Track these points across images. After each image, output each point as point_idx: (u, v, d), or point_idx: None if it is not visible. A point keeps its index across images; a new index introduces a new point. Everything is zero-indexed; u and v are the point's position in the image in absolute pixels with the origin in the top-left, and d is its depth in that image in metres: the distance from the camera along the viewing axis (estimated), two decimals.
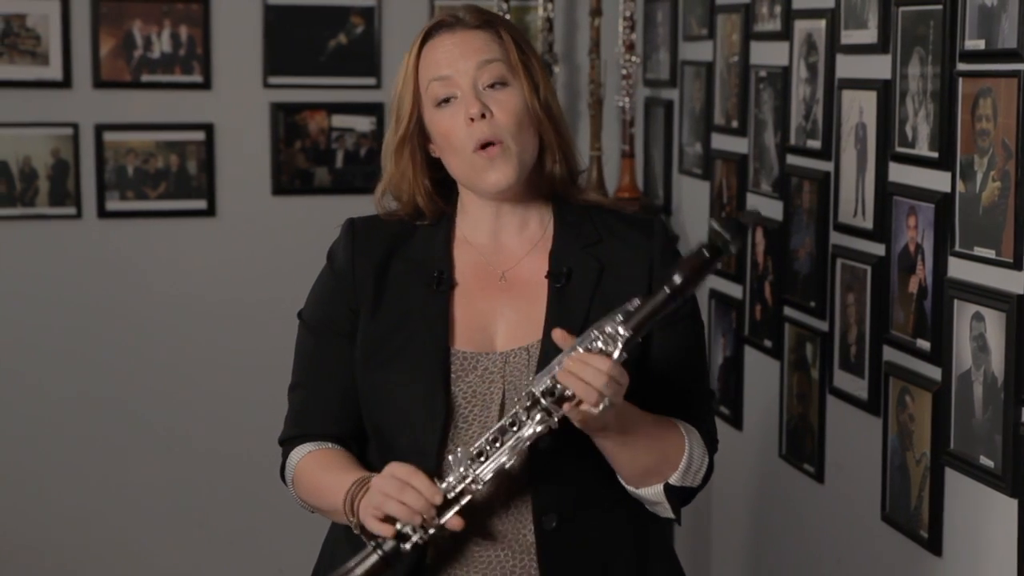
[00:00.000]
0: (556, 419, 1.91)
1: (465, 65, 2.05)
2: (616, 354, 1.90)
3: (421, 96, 2.09)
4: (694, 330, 2.14)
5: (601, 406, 1.88)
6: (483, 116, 2.03)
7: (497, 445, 1.92)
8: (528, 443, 1.92)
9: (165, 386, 4.11)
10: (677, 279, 1.88)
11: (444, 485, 1.93)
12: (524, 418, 1.92)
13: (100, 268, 4.04)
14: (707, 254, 1.89)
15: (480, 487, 1.93)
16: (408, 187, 2.13)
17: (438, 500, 1.92)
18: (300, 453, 2.13)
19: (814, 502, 3.21)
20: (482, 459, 1.93)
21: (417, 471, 1.94)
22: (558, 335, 1.93)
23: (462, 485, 1.93)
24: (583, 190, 2.17)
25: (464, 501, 1.93)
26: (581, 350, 1.90)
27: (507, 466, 1.93)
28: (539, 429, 1.91)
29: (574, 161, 2.16)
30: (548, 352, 1.99)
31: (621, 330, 1.90)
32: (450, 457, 1.96)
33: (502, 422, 1.93)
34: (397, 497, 1.92)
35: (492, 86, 2.06)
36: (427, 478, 1.93)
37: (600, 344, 1.90)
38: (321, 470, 2.10)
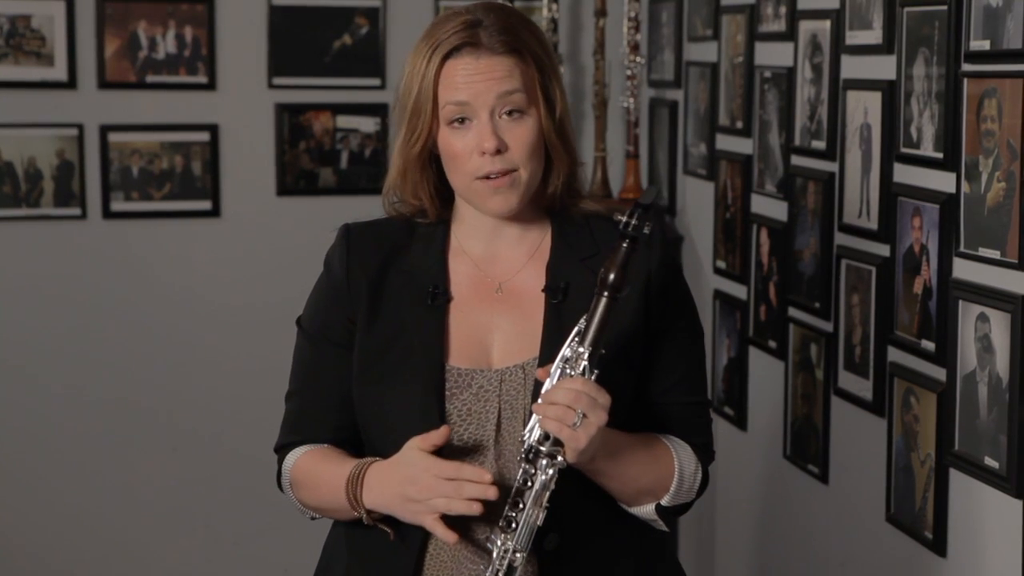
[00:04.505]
0: (563, 459, 1.90)
1: (486, 95, 2.00)
2: (585, 374, 1.90)
3: (439, 113, 2.04)
4: (692, 341, 2.12)
5: (575, 420, 1.87)
6: (498, 152, 2.00)
7: (520, 507, 1.90)
8: (548, 492, 1.90)
9: (169, 386, 4.12)
10: (610, 278, 1.90)
11: (490, 568, 1.91)
12: (533, 471, 1.90)
13: (105, 269, 4.05)
14: (624, 245, 1.91)
15: (523, 554, 1.91)
16: (413, 188, 2.10)
17: (488, 478, 1.90)
18: (296, 455, 2.12)
19: (818, 503, 3.20)
20: (513, 527, 1.90)
21: (459, 464, 1.93)
22: (541, 375, 1.93)
23: (507, 558, 1.91)
24: (582, 198, 2.14)
25: (517, 574, 1.91)
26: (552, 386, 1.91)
27: (540, 523, 1.90)
28: (551, 472, 1.90)
29: (577, 174, 2.13)
30: None
31: (580, 349, 1.91)
32: (490, 544, 1.93)
33: (516, 484, 1.91)
34: (459, 496, 1.90)
35: (509, 114, 2.01)
36: (466, 465, 1.93)
37: (570, 372, 1.91)
38: (319, 463, 2.08)
